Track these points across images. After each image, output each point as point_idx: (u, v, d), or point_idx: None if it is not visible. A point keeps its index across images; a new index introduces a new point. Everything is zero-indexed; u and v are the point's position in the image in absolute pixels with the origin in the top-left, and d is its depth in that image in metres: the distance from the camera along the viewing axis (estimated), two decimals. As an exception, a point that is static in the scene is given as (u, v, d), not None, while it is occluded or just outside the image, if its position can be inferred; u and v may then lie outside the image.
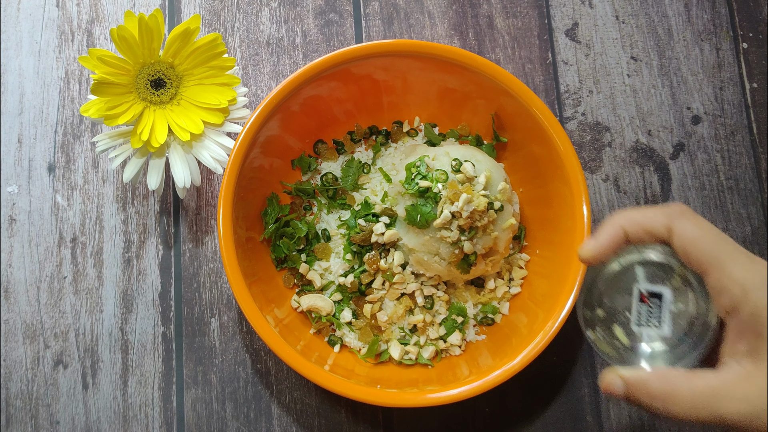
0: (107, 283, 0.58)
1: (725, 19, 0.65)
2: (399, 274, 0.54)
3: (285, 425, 0.56)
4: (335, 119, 0.59)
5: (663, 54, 0.64)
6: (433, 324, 0.56)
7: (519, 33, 0.65)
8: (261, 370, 0.57)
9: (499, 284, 0.57)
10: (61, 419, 0.56)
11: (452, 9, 0.65)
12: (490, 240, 0.52)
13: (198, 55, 0.53)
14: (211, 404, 0.56)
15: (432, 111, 0.60)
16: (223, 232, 0.50)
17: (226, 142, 0.55)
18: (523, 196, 0.58)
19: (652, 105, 0.63)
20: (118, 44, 0.50)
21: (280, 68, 0.63)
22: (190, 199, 0.60)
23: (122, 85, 0.52)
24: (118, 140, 0.55)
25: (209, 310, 0.58)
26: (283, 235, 0.57)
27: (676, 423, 0.56)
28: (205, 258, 0.59)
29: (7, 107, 0.61)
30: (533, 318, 0.53)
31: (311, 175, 0.60)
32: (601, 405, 0.57)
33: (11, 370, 0.57)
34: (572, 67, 0.64)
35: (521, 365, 0.49)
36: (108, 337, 0.57)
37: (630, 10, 0.65)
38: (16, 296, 0.58)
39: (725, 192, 0.62)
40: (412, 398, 0.49)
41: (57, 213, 0.59)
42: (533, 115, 0.53)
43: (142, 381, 0.57)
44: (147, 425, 0.56)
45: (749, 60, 0.64)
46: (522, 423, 0.56)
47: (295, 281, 0.57)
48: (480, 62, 0.53)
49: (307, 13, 0.64)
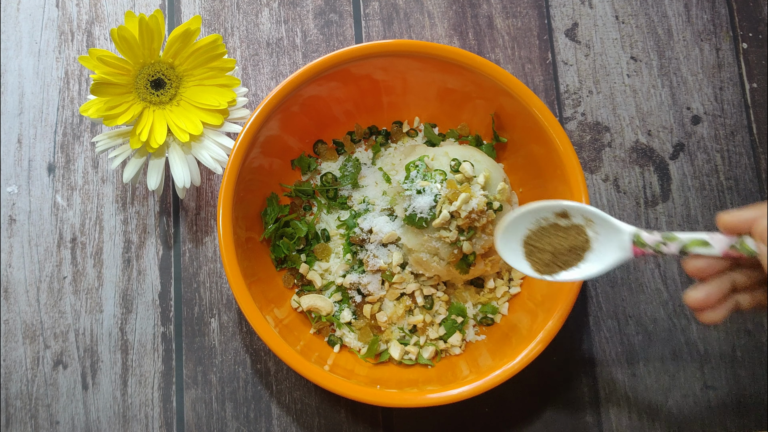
0: (107, 283, 0.58)
1: (725, 19, 0.65)
2: (398, 274, 0.54)
3: (285, 425, 0.56)
4: (335, 119, 0.59)
5: (663, 54, 0.64)
6: (432, 324, 0.56)
7: (519, 33, 0.65)
8: (261, 370, 0.57)
9: (498, 284, 0.57)
10: (61, 419, 0.56)
11: (452, 9, 0.65)
12: (489, 240, 0.52)
13: (198, 56, 0.53)
14: (210, 404, 0.56)
15: (432, 111, 0.60)
16: (223, 232, 0.50)
17: (225, 142, 0.55)
18: (522, 196, 0.58)
19: (651, 105, 0.63)
20: (119, 44, 0.50)
21: (279, 68, 0.63)
22: (189, 199, 0.60)
23: (122, 85, 0.52)
24: (118, 140, 0.55)
25: (209, 310, 0.58)
26: (283, 235, 0.57)
27: (675, 419, 0.56)
28: (205, 258, 0.59)
29: (7, 107, 0.61)
30: (533, 318, 0.53)
31: (311, 175, 0.60)
32: (601, 405, 0.57)
33: (11, 370, 0.57)
34: (572, 67, 0.64)
35: (521, 365, 0.49)
36: (108, 337, 0.57)
37: (630, 10, 0.65)
38: (16, 296, 0.58)
39: (725, 192, 0.62)
40: (412, 398, 0.49)
41: (57, 213, 0.60)
42: (533, 115, 0.53)
43: (141, 381, 0.57)
44: (147, 425, 0.56)
45: (749, 60, 0.64)
46: (522, 423, 0.57)
47: (295, 281, 0.57)
48: (480, 62, 0.53)
49: (306, 13, 0.65)
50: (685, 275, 0.59)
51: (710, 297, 0.41)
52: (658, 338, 0.58)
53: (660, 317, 0.59)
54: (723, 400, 0.57)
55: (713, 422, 0.57)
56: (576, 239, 0.45)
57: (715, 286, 0.41)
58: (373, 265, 0.54)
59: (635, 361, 0.58)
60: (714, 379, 0.57)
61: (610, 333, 0.58)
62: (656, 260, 0.60)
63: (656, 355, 0.58)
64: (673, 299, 0.59)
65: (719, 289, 0.41)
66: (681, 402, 0.57)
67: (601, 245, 0.44)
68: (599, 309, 0.59)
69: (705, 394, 0.57)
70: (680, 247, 0.41)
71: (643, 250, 0.42)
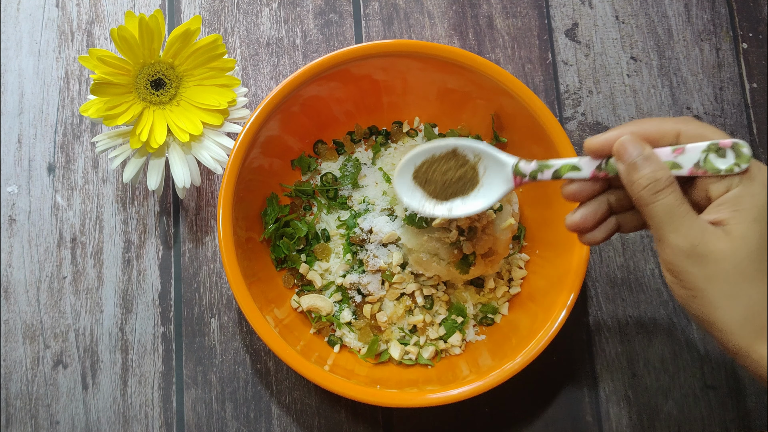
0: (107, 284, 0.58)
1: (725, 19, 0.65)
2: (398, 274, 0.54)
3: (285, 425, 0.56)
4: (335, 119, 0.59)
5: (663, 54, 0.64)
6: (432, 324, 0.56)
7: (519, 33, 0.65)
8: (261, 370, 0.57)
9: (498, 284, 0.57)
10: (61, 419, 0.56)
11: (452, 9, 0.65)
12: (489, 240, 0.52)
13: (198, 56, 0.53)
14: (210, 404, 0.56)
15: (432, 111, 0.60)
16: (223, 233, 0.50)
17: (225, 142, 0.55)
18: (522, 196, 0.58)
19: (652, 105, 0.63)
20: (119, 44, 0.50)
21: (279, 68, 0.63)
22: (189, 199, 0.60)
23: (122, 85, 0.52)
24: (118, 140, 0.55)
25: (209, 311, 0.58)
26: (283, 235, 0.57)
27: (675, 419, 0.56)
28: (205, 258, 0.59)
29: (7, 107, 0.61)
30: (533, 318, 0.53)
31: (311, 175, 0.60)
32: (601, 405, 0.57)
33: (11, 370, 0.57)
34: (572, 67, 0.64)
35: (521, 365, 0.49)
36: (108, 337, 0.57)
37: (630, 10, 0.65)
38: (16, 296, 0.58)
39: (725, 192, 0.62)
40: (412, 398, 0.49)
41: (57, 213, 0.60)
42: (533, 116, 0.53)
43: (142, 381, 0.57)
44: (147, 425, 0.56)
45: (749, 60, 0.64)
46: (522, 423, 0.57)
47: (295, 281, 0.57)
48: (480, 62, 0.53)
49: (306, 13, 0.65)
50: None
51: (587, 219, 0.43)
52: (658, 338, 0.58)
53: (660, 317, 0.59)
54: (723, 400, 0.57)
55: (713, 422, 0.57)
56: (465, 171, 0.46)
57: (590, 207, 0.43)
58: (373, 265, 0.54)
59: (635, 361, 0.58)
60: (714, 379, 0.57)
61: (610, 333, 0.58)
62: (656, 260, 0.60)
63: (656, 355, 0.58)
64: (673, 299, 0.59)
65: (594, 211, 0.43)
66: (681, 402, 0.57)
67: (489, 179, 0.46)
68: (599, 309, 0.59)
69: (705, 394, 0.57)
70: (553, 172, 0.43)
71: (523, 179, 0.44)
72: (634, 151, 0.39)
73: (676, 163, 0.40)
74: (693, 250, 0.38)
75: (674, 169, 0.40)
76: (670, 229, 0.38)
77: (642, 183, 0.39)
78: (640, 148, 0.39)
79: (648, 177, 0.39)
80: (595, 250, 0.60)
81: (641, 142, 0.40)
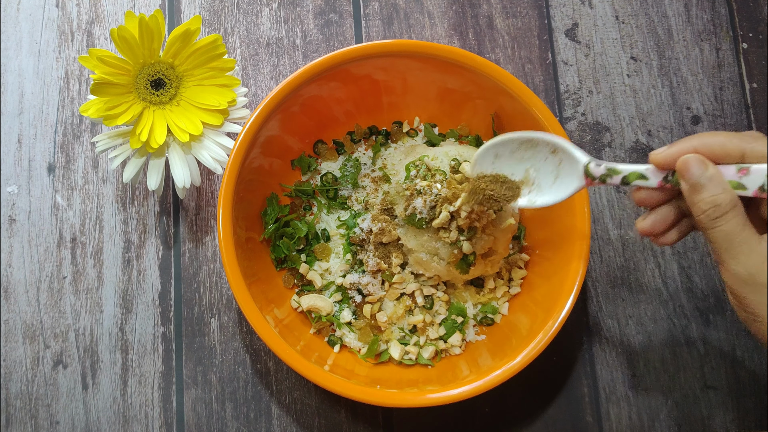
0: (107, 283, 0.58)
1: (725, 19, 0.65)
2: (398, 274, 0.54)
3: (285, 425, 0.56)
4: (335, 119, 0.59)
5: (663, 54, 0.64)
6: (432, 324, 0.56)
7: (519, 33, 0.65)
8: (261, 370, 0.57)
9: (498, 284, 0.57)
10: (61, 419, 0.56)
11: (452, 9, 0.65)
12: (489, 240, 0.52)
13: (198, 56, 0.53)
14: (210, 404, 0.56)
15: (432, 111, 0.60)
16: (223, 232, 0.50)
17: (225, 142, 0.55)
18: (522, 196, 0.58)
19: (651, 105, 0.63)
20: (118, 44, 0.50)
21: (279, 68, 0.63)
22: (189, 199, 0.60)
23: (122, 85, 0.52)
24: (118, 140, 0.55)
25: (209, 311, 0.58)
26: (283, 235, 0.57)
27: (675, 419, 0.56)
28: (205, 258, 0.59)
29: (7, 107, 0.61)
30: (533, 318, 0.53)
31: (311, 175, 0.60)
32: (601, 405, 0.57)
33: (11, 370, 0.57)
34: (572, 67, 0.64)
35: (521, 365, 0.49)
36: (108, 337, 0.57)
37: (630, 11, 0.65)
38: (16, 296, 0.58)
39: (725, 192, 0.62)
40: (412, 398, 0.49)
41: (57, 213, 0.60)
42: (533, 115, 0.53)
43: (141, 381, 0.57)
44: (147, 425, 0.56)
45: (749, 60, 0.64)
46: (522, 423, 0.57)
47: (295, 281, 0.57)
48: (480, 62, 0.53)
49: (306, 13, 0.65)
50: (684, 273, 0.59)
51: (656, 226, 0.44)
52: (658, 338, 0.58)
53: (660, 317, 0.59)
54: (723, 400, 0.57)
55: (713, 422, 0.57)
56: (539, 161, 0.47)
57: (660, 214, 0.44)
58: (373, 266, 0.54)
59: (635, 361, 0.58)
60: (714, 379, 0.57)
61: (610, 333, 0.58)
62: (656, 260, 0.60)
63: (656, 355, 0.58)
64: (673, 299, 0.59)
65: (664, 218, 0.43)
66: (681, 402, 0.57)
67: (564, 173, 0.46)
68: (599, 309, 0.59)
69: (705, 394, 0.57)
70: (621, 179, 0.43)
71: (593, 181, 0.44)
72: (696, 170, 0.39)
73: (740, 184, 0.39)
74: (751, 278, 0.37)
75: (738, 189, 0.39)
76: (729, 256, 0.38)
77: (702, 207, 0.38)
78: (703, 168, 0.39)
79: (708, 202, 0.38)
80: (595, 250, 0.60)
81: (704, 162, 0.39)
